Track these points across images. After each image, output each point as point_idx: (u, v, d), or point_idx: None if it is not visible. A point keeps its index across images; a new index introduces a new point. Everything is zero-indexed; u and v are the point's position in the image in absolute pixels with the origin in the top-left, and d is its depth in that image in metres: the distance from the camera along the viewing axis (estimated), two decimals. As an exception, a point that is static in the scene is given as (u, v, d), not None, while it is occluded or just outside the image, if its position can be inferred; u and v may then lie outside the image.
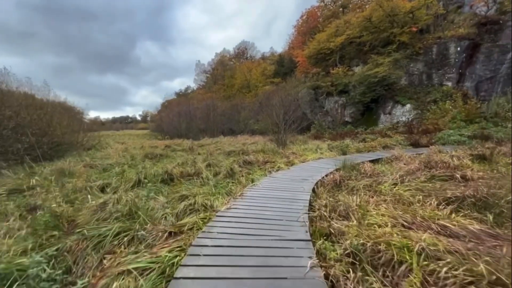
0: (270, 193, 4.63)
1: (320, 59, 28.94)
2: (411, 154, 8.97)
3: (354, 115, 24.71)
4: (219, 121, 30.83)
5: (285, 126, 13.71)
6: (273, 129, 13.99)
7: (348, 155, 9.68)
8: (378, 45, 23.66)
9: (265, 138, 19.46)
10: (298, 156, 9.87)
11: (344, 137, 15.90)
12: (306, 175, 5.92)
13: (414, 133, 15.15)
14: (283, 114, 13.69)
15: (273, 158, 9.39)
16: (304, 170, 6.67)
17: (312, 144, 15.08)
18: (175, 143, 16.80)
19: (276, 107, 14.57)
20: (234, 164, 7.92)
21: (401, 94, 21.38)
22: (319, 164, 7.38)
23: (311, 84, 27.40)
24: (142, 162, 8.58)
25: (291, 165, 8.21)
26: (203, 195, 4.48)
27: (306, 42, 31.86)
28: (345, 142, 11.83)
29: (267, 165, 7.85)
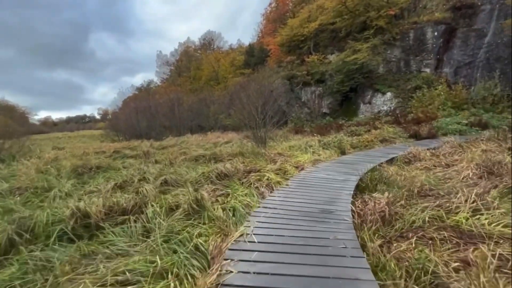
0: (281, 259, 2.29)
1: (294, 46, 27.02)
2: (425, 149, 7.27)
3: (332, 106, 23.30)
4: (186, 117, 27.56)
5: (264, 120, 11.43)
6: (249, 124, 11.63)
7: (349, 155, 7.70)
8: (354, 30, 22.30)
9: (239, 134, 17.03)
10: (288, 158, 7.66)
11: (329, 130, 14.12)
12: (322, 199, 3.70)
13: (401, 122, 13.88)
14: (261, 106, 11.37)
15: (257, 163, 7.07)
16: (313, 187, 4.44)
17: (295, 140, 13.05)
18: (130, 146, 13.63)
19: (252, 98, 12.20)
20: (204, 178, 5.44)
21: (380, 82, 20.31)
22: (327, 174, 5.22)
23: (286, 73, 25.41)
24: (61, 182, 5.68)
25: (284, 174, 5.95)
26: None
27: (277, 29, 29.71)
28: (338, 137, 9.93)
29: (252, 177, 5.49)
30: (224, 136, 15.72)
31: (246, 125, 12.21)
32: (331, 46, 25.43)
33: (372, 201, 3.17)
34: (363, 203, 3.28)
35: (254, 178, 5.52)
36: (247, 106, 11.53)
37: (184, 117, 26.36)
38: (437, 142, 8.59)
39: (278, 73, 27.49)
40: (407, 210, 3.06)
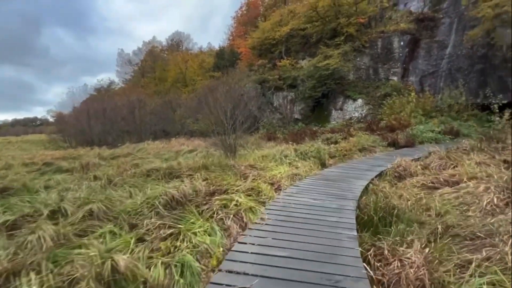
0: None
1: (265, 50, 26.30)
2: (411, 160, 6.56)
3: (304, 112, 22.83)
4: (149, 121, 25.14)
5: (234, 125, 10.14)
6: (217, 130, 10.26)
7: (331, 168, 6.71)
8: (325, 37, 22.21)
9: (207, 141, 15.51)
10: (261, 172, 6.43)
11: (303, 137, 13.27)
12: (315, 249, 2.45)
13: (374, 129, 13.58)
14: (230, 110, 10.08)
15: (224, 179, 5.73)
16: (298, 223, 3.08)
17: (268, 148, 11.95)
18: (72, 155, 11.36)
19: (221, 101, 10.86)
20: (149, 207, 3.96)
21: (351, 88, 20.28)
22: (313, 198, 4.04)
23: (257, 77, 24.48)
24: None
25: (258, 195, 4.71)
26: None
27: (249, 32, 28.87)
28: (315, 146, 8.99)
29: (216, 203, 4.14)
30: (189, 143, 14.08)
31: (214, 131, 10.78)
32: (302, 52, 25.17)
33: (396, 258, 2.06)
34: (381, 259, 2.15)
35: (219, 203, 4.17)
36: (215, 110, 10.16)
37: (147, 121, 23.95)
38: (418, 151, 8.04)
39: (250, 76, 26.51)
40: (451, 270, 1.99)
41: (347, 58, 19.98)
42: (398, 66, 19.62)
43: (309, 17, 22.85)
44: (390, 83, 19.25)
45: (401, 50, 19.55)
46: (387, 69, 20.07)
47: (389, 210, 3.03)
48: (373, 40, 20.58)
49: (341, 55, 19.61)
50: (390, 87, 18.65)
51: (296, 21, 23.54)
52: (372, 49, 20.52)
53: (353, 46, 20.28)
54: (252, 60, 26.67)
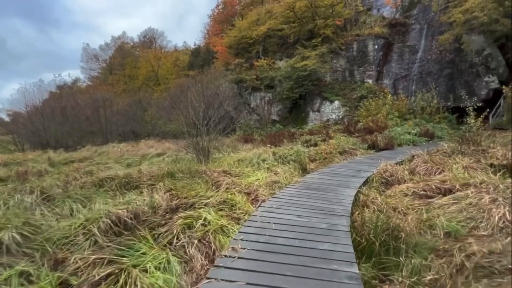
0: None
1: (242, 49, 25.59)
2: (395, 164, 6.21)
3: (281, 113, 22.47)
4: (116, 121, 23.21)
5: (208, 126, 9.28)
6: (190, 131, 9.33)
7: (313, 173, 6.12)
8: (303, 38, 22.05)
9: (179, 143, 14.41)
10: (236, 180, 5.67)
11: (281, 139, 12.72)
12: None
13: (352, 131, 13.45)
14: (203, 110, 9.22)
15: (192, 189, 4.89)
16: (281, 254, 2.41)
17: (245, 150, 11.21)
18: (17, 160, 9.73)
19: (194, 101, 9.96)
20: (85, 233, 3.02)
21: (328, 90, 20.25)
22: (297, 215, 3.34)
23: (234, 77, 23.69)
24: None
25: (231, 209, 3.95)
26: None
27: (225, 31, 27.97)
28: (295, 149, 8.42)
29: (177, 224, 3.30)
30: (159, 146, 12.89)
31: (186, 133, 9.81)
32: (279, 52, 24.85)
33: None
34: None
35: (182, 223, 3.34)
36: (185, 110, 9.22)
37: (113, 122, 22.02)
38: (399, 154, 7.79)
39: (226, 76, 25.65)
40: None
41: (324, 59, 19.92)
42: (373, 69, 19.95)
43: (286, 17, 22.57)
44: (366, 85, 19.49)
45: (376, 54, 19.90)
46: (363, 71, 20.33)
47: (392, 233, 2.45)
48: (349, 43, 20.76)
49: (318, 56, 19.49)
50: (366, 90, 18.87)
51: (273, 21, 23.14)
52: (348, 51, 20.69)
53: (330, 48, 20.30)
54: (228, 59, 25.82)
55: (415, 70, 18.35)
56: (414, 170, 5.66)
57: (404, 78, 18.81)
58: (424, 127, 11.58)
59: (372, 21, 22.75)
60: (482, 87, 15.36)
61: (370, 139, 9.69)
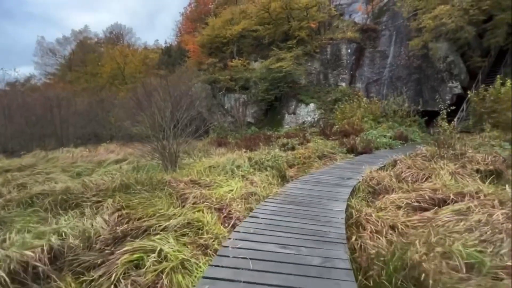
0: None
1: (216, 49, 24.66)
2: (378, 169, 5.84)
3: (257, 115, 21.91)
4: (75, 123, 20.91)
5: (175, 129, 8.31)
6: (155, 134, 8.29)
7: (295, 182, 5.49)
8: (278, 39, 21.75)
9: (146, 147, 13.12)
10: (206, 192, 4.85)
11: (257, 143, 12.06)
12: None
13: (328, 134, 13.24)
14: (170, 111, 8.24)
15: (150, 206, 4.00)
16: None
17: (218, 155, 10.37)
18: None
19: (158, 101, 8.92)
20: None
21: (303, 93, 20.12)
22: (281, 245, 2.62)
23: (207, 77, 22.68)
24: None
25: (197, 234, 3.16)
26: None
27: (198, 29, 26.84)
28: (272, 154, 7.77)
29: (120, 263, 2.41)
30: (121, 150, 11.52)
31: (151, 136, 8.72)
32: (254, 53, 24.33)
33: None
34: None
35: (126, 261, 2.46)
36: (149, 111, 8.18)
37: (71, 123, 19.75)
38: (379, 158, 7.51)
39: (199, 76, 24.52)
40: None
41: (299, 62, 19.76)
42: (346, 72, 20.22)
43: (261, 18, 22.14)
44: (340, 88, 19.66)
45: (349, 58, 20.19)
46: (336, 75, 20.52)
47: (410, 272, 1.85)
48: (323, 46, 20.86)
49: (294, 58, 19.28)
50: (340, 93, 19.02)
51: (248, 21, 22.58)
52: (322, 54, 20.78)
53: (305, 50, 20.21)
54: (201, 59, 24.73)
55: (386, 75, 18.87)
56: (400, 176, 5.27)
57: (376, 82, 19.27)
58: (398, 130, 11.68)
59: (345, 26, 23.15)
60: (446, 92, 16.10)
61: (348, 142, 9.40)
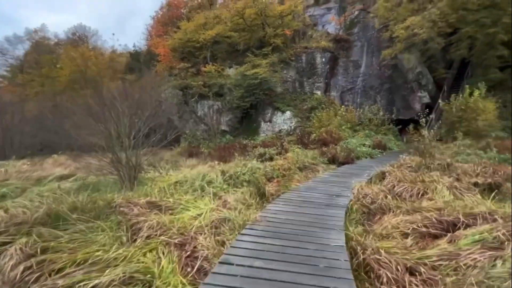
0: None
1: (188, 53, 23.51)
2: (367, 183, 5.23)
3: (232, 123, 20.98)
4: (24, 131, 18.31)
5: (136, 139, 7.12)
6: (111, 145, 7.03)
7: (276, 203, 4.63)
8: (253, 46, 21.29)
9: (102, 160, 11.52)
10: (166, 217, 3.82)
11: (232, 153, 11.13)
12: None
13: (306, 143, 12.75)
14: (129, 118, 7.06)
15: (83, 247, 2.86)
16: None
17: (188, 167, 9.30)
18: None
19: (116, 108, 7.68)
20: None
21: (279, 100, 19.68)
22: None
23: (179, 82, 21.36)
24: None
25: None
26: None
27: (169, 33, 25.52)
28: (249, 166, 6.89)
29: None
30: (72, 164, 9.88)
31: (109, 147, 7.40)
32: (229, 60, 23.60)
33: None
34: None
35: None
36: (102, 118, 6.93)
37: (18, 131, 17.21)
38: (363, 169, 7.00)
39: (170, 81, 23.11)
40: None
41: (274, 69, 19.37)
42: (321, 81, 20.24)
43: (236, 23, 21.57)
44: (315, 96, 19.56)
45: (323, 66, 20.27)
46: (312, 83, 20.46)
47: None
48: (298, 54, 20.77)
49: (269, 65, 18.85)
50: (316, 101, 18.88)
51: (222, 26, 21.88)
52: (297, 62, 20.65)
53: (280, 58, 19.92)
54: (172, 63, 23.39)
55: (359, 84, 19.16)
56: (393, 191, 4.68)
57: (350, 90, 19.47)
58: (376, 138, 11.51)
59: (319, 35, 23.41)
60: (416, 102, 16.61)
61: (329, 152, 8.86)
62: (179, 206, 4.61)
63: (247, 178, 6.21)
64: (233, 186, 5.97)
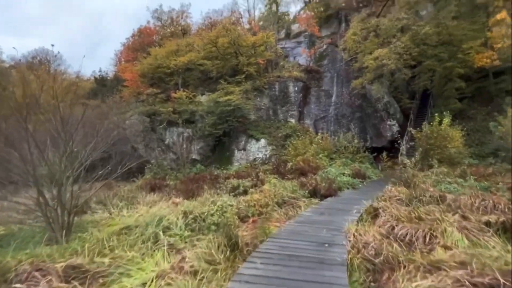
0: None
1: (158, 79, 22.57)
2: (358, 223, 4.36)
3: (203, 151, 19.73)
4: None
5: (75, 173, 5.68)
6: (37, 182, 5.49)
7: (253, 258, 3.49)
8: (226, 73, 21.06)
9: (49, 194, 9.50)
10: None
11: (201, 185, 9.84)
12: None
13: (283, 172, 11.91)
14: (65, 147, 5.71)
15: None
16: None
17: (148, 204, 7.84)
18: None
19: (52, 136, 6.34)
20: None
21: (253, 128, 19.09)
22: None
23: (146, 109, 20.00)
24: None
25: None
26: None
27: (139, 58, 24.58)
28: (218, 204, 5.72)
29: None
30: None
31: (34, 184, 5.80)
32: (201, 87, 23.04)
33: None
34: None
35: None
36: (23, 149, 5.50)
37: None
38: (350, 203, 6.19)
39: (137, 107, 21.64)
40: None
41: (248, 96, 19.03)
42: (295, 109, 20.26)
43: (209, 51, 21.42)
44: (289, 124, 19.35)
45: (296, 95, 20.44)
46: (286, 111, 20.37)
47: None
48: (271, 83, 20.84)
49: (243, 92, 18.49)
50: (290, 129, 18.60)
51: (195, 54, 21.56)
52: (271, 90, 20.63)
53: (254, 86, 19.77)
54: (140, 88, 22.14)
55: (332, 112, 19.43)
56: (393, 234, 3.83)
57: (323, 119, 19.61)
58: (355, 167, 11.06)
59: (290, 66, 24.06)
60: (387, 130, 16.97)
61: (309, 183, 8.03)
62: (116, 269, 3.28)
63: (216, 220, 5.03)
64: (198, 232, 4.73)
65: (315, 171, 10.48)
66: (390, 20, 13.03)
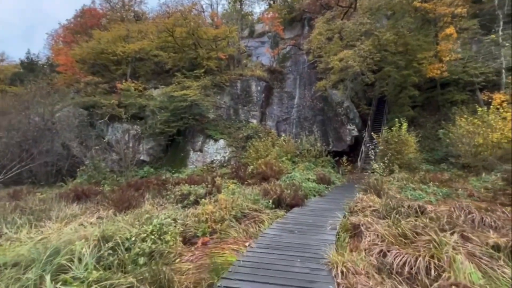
0: None
1: (102, 67, 19.47)
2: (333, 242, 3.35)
3: (154, 152, 17.44)
4: None
5: None
6: None
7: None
8: (183, 67, 19.13)
9: None
10: None
11: (142, 193, 8.03)
12: None
13: (243, 177, 10.72)
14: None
15: None
16: None
17: (62, 220, 5.88)
18: None
19: None
20: None
21: (211, 127, 17.53)
22: None
23: (84, 100, 16.92)
24: None
25: None
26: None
27: (79, 41, 21.00)
28: (155, 222, 4.21)
29: None
30: None
31: None
32: (155, 80, 20.63)
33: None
34: None
35: None
36: None
37: None
38: (322, 216, 5.23)
39: (73, 99, 18.32)
40: None
41: (207, 92, 17.43)
42: (257, 109, 19.28)
43: (164, 41, 19.22)
44: (251, 125, 18.26)
45: (258, 95, 19.50)
46: (247, 111, 19.26)
47: None
48: (233, 81, 19.57)
49: (201, 87, 16.83)
50: (251, 129, 17.52)
51: (148, 42, 19.15)
52: (232, 88, 19.35)
53: (214, 81, 18.23)
54: (77, 75, 18.81)
55: (294, 114, 18.96)
56: (387, 264, 2.86)
57: (285, 121, 19.01)
58: (319, 172, 10.39)
59: (253, 65, 23.14)
60: (346, 134, 17.02)
61: (272, 190, 6.93)
62: None
63: (148, 248, 3.53)
64: (117, 269, 3.18)
65: (278, 176, 9.50)
66: (354, 24, 12.95)
